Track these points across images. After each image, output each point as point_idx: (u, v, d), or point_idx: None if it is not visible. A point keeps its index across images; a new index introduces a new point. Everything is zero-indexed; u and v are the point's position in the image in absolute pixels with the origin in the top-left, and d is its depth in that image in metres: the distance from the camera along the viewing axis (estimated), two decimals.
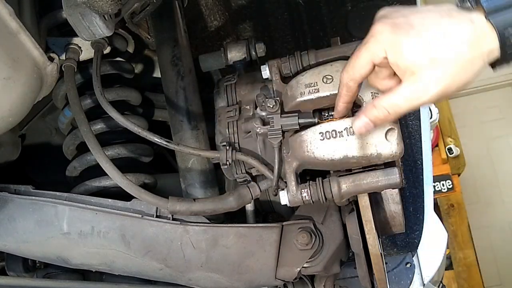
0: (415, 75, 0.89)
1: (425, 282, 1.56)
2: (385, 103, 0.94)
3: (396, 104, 0.93)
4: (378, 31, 0.91)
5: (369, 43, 0.92)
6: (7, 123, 1.16)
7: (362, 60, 0.94)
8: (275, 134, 1.13)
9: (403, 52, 0.89)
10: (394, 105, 0.93)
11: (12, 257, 1.49)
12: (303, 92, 1.11)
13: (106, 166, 1.18)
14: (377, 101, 0.95)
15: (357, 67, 0.95)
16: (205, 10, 1.92)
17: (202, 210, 1.22)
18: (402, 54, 0.89)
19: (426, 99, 0.90)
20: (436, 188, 4.13)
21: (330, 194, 1.14)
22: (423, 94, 0.90)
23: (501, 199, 5.53)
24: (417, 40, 0.88)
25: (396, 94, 0.92)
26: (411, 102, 0.92)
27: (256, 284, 1.28)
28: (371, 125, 0.98)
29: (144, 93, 1.60)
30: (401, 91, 0.91)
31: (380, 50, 0.91)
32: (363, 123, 0.98)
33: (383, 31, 0.90)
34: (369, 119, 0.97)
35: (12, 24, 1.09)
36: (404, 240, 1.64)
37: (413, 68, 0.89)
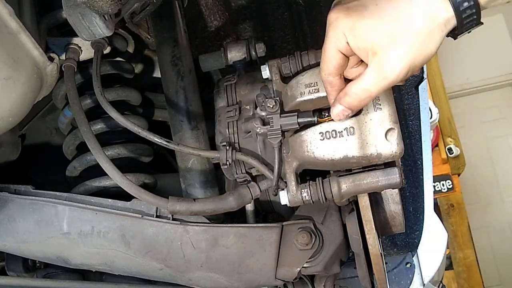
0: (377, 55, 0.90)
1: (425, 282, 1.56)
2: (356, 89, 0.96)
3: (365, 88, 0.94)
4: (333, 18, 0.92)
5: (328, 33, 0.94)
6: (7, 123, 1.16)
7: (328, 51, 0.95)
8: (274, 134, 1.13)
9: (360, 34, 0.90)
10: (364, 89, 0.94)
11: (12, 257, 1.49)
12: (303, 92, 1.11)
13: (106, 166, 1.18)
14: (348, 88, 0.97)
15: (327, 60, 0.97)
16: (205, 10, 1.92)
17: (202, 210, 1.22)
18: (360, 36, 0.90)
19: (394, 78, 0.91)
20: (436, 188, 4.13)
21: (330, 194, 1.14)
22: (390, 73, 0.90)
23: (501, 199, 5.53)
24: (372, 19, 0.89)
25: (364, 78, 0.94)
26: (379, 84, 0.93)
27: (256, 284, 1.28)
28: (348, 111, 1.01)
29: (144, 93, 1.60)
30: (368, 75, 0.93)
31: (340, 36, 0.92)
32: (339, 110, 1.01)
33: (338, 17, 0.91)
34: (344, 106, 0.99)
35: (12, 24, 1.09)
36: (404, 240, 1.64)
37: (374, 48, 0.90)
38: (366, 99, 0.96)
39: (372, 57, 0.91)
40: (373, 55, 0.91)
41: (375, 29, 0.89)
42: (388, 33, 0.88)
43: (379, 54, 0.90)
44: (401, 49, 0.88)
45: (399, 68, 0.90)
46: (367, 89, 0.94)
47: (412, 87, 1.70)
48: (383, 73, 0.91)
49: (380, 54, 0.90)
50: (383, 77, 0.91)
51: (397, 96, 1.64)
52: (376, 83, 0.93)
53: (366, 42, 0.90)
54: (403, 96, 1.73)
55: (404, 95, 1.74)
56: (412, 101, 1.73)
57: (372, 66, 0.92)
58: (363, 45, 0.90)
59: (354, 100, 0.97)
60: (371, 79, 0.93)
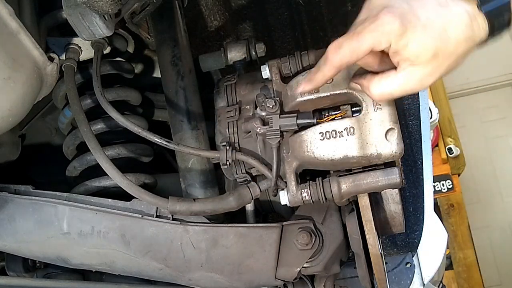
0: (415, 67, 0.90)
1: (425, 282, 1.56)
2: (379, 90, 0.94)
3: (390, 92, 0.94)
4: (387, 22, 0.87)
5: (375, 32, 0.88)
6: (7, 123, 1.16)
7: (364, 47, 0.89)
8: (273, 134, 1.13)
9: (408, 45, 0.88)
10: (388, 93, 0.94)
11: (12, 257, 1.49)
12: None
13: (106, 166, 1.18)
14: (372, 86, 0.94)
15: (356, 52, 0.90)
16: (205, 10, 1.92)
17: (202, 210, 1.22)
18: (407, 47, 0.88)
19: (420, 89, 0.92)
20: (436, 188, 4.13)
21: (330, 194, 1.14)
22: (420, 86, 0.91)
23: (501, 199, 5.53)
24: (423, 34, 0.88)
25: (391, 82, 0.92)
26: (405, 91, 0.93)
27: (256, 284, 1.28)
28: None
29: (144, 93, 1.60)
30: (397, 80, 0.92)
31: (386, 42, 0.89)
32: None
33: (393, 23, 0.87)
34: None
35: (12, 24, 1.09)
36: (404, 240, 1.64)
37: (415, 61, 0.89)
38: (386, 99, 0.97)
39: (409, 66, 0.90)
40: (410, 64, 0.90)
41: (424, 44, 0.88)
42: (434, 52, 0.88)
43: (417, 67, 0.89)
44: (438, 67, 0.89)
45: (429, 82, 0.91)
46: (391, 93, 0.94)
47: None
48: (413, 84, 0.91)
49: (418, 67, 0.89)
50: (412, 88, 0.92)
51: None
52: (402, 90, 0.92)
53: (410, 53, 0.89)
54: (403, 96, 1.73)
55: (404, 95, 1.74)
56: (412, 101, 1.73)
57: (405, 74, 0.91)
58: (406, 55, 0.89)
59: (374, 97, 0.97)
60: (398, 85, 0.92)
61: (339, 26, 1.96)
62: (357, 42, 0.89)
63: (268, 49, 1.40)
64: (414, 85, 0.91)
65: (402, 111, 1.69)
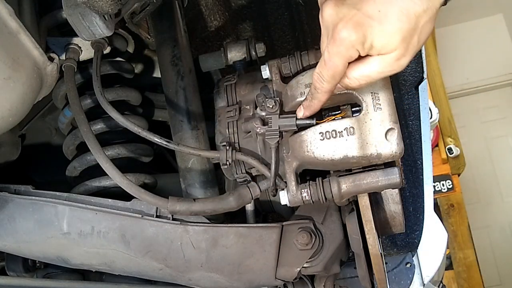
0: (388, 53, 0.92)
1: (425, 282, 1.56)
2: (356, 74, 0.96)
3: (368, 75, 0.96)
4: (344, 37, 0.91)
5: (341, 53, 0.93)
6: (7, 123, 1.16)
7: (339, 67, 0.95)
8: (272, 134, 1.13)
9: (373, 44, 0.91)
10: (366, 76, 0.96)
11: (12, 257, 1.49)
12: (303, 92, 1.11)
13: (106, 166, 1.18)
14: (349, 71, 0.97)
15: (338, 74, 0.97)
16: (205, 10, 1.92)
17: (202, 210, 1.22)
18: (373, 45, 0.91)
19: (399, 69, 0.94)
20: (436, 188, 4.13)
21: (330, 194, 1.14)
22: (397, 67, 0.93)
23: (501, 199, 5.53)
24: (381, 27, 0.90)
25: (368, 66, 0.95)
26: (383, 74, 0.95)
27: (256, 284, 1.28)
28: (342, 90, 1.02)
29: (144, 93, 1.60)
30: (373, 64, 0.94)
31: (353, 53, 0.93)
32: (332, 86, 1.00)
33: (350, 35, 0.91)
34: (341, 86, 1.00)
35: (12, 24, 1.09)
36: (404, 240, 1.64)
37: (385, 50, 0.92)
38: (365, 84, 0.98)
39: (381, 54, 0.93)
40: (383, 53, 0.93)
41: (386, 36, 0.90)
42: (401, 36, 0.90)
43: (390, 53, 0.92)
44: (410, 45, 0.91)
45: (406, 61, 0.93)
46: (369, 76, 0.96)
47: (412, 87, 1.70)
48: (391, 66, 0.93)
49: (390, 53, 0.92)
50: (391, 69, 0.94)
51: (397, 96, 1.64)
52: (380, 73, 0.95)
53: (378, 49, 0.92)
54: (403, 96, 1.73)
55: (404, 95, 1.74)
56: (412, 101, 1.73)
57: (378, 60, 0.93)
58: (376, 50, 0.92)
59: (352, 83, 0.98)
60: (375, 69, 0.94)
61: None
62: (331, 68, 0.96)
63: (268, 49, 1.40)
64: (391, 66, 0.93)
65: (402, 111, 1.69)
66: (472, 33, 5.45)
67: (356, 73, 0.96)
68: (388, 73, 0.95)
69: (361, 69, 0.95)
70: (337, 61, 0.94)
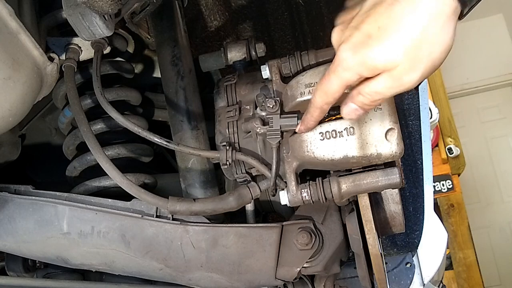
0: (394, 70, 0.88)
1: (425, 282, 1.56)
2: (369, 90, 0.93)
3: (379, 92, 0.92)
4: (343, 59, 0.90)
5: (338, 72, 0.92)
6: (7, 123, 1.16)
7: (335, 86, 0.94)
8: (274, 134, 1.13)
9: (374, 64, 0.88)
10: (377, 93, 0.93)
11: (12, 257, 1.49)
12: (303, 92, 1.11)
13: (106, 166, 1.18)
14: (362, 88, 0.94)
15: (330, 93, 0.96)
16: (205, 10, 1.92)
17: (202, 210, 1.22)
18: (374, 66, 0.88)
19: (411, 86, 0.90)
20: (436, 188, 4.14)
21: (330, 194, 1.14)
22: (408, 83, 0.89)
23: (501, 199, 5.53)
24: (380, 45, 0.86)
25: (379, 82, 0.91)
26: (395, 89, 0.91)
27: (256, 284, 1.28)
28: (360, 111, 0.98)
29: (144, 93, 1.60)
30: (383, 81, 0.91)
31: (352, 76, 0.91)
32: (351, 109, 0.98)
33: (347, 57, 0.89)
34: (357, 105, 0.97)
35: (12, 24, 1.09)
36: (404, 240, 1.64)
37: (389, 67, 0.88)
38: (379, 100, 0.95)
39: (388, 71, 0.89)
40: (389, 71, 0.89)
41: (387, 52, 0.86)
42: (401, 50, 0.86)
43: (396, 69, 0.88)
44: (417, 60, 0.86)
45: (417, 77, 0.88)
46: (381, 92, 0.92)
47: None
48: (400, 81, 0.89)
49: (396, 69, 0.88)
50: (400, 84, 0.90)
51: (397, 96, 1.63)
52: (391, 88, 0.91)
53: (381, 67, 0.88)
54: (403, 96, 1.73)
55: (404, 95, 1.74)
56: (412, 101, 1.73)
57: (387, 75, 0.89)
58: (379, 69, 0.89)
59: (367, 100, 0.95)
60: (385, 85, 0.91)
61: None
62: (326, 85, 0.95)
63: (268, 49, 1.40)
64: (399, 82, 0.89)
65: (402, 111, 1.69)
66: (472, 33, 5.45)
67: (367, 89, 0.93)
68: (398, 89, 0.90)
69: (372, 85, 0.92)
70: (333, 80, 0.93)
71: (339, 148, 1.09)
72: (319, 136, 1.10)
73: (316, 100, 1.00)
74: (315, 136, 1.10)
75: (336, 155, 1.09)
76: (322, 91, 0.97)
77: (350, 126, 1.08)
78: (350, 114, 0.99)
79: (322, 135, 1.10)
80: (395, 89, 0.91)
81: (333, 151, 1.09)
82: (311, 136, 1.11)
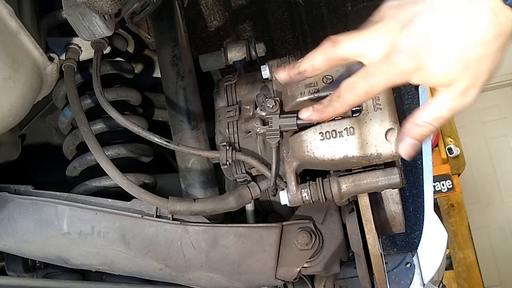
0: (451, 87, 0.85)
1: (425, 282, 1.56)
2: (428, 118, 0.89)
3: (441, 116, 0.88)
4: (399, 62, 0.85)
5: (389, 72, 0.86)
6: (7, 123, 1.16)
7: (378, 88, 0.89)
8: (273, 134, 1.13)
9: (430, 74, 0.85)
10: (438, 118, 0.88)
11: (12, 257, 1.49)
12: (303, 92, 1.11)
13: (106, 166, 1.18)
14: (417, 118, 0.89)
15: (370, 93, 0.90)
16: (205, 10, 1.92)
17: (202, 210, 1.22)
18: (429, 76, 0.85)
19: (469, 103, 0.86)
20: (436, 188, 4.14)
21: (330, 194, 1.14)
22: (467, 99, 0.86)
23: (501, 199, 5.53)
24: (442, 57, 0.83)
25: (438, 107, 0.87)
26: (455, 111, 0.87)
27: (256, 284, 1.28)
28: (417, 144, 0.92)
29: (144, 93, 1.60)
30: (443, 103, 0.87)
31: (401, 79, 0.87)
32: (410, 144, 0.92)
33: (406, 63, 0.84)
34: (415, 139, 0.91)
35: (12, 24, 1.09)
36: (404, 240, 1.65)
37: (446, 82, 0.85)
38: (438, 126, 0.90)
39: (444, 87, 0.86)
40: (445, 86, 0.86)
41: (446, 66, 0.83)
42: (463, 65, 0.83)
43: (453, 86, 0.85)
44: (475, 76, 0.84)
45: (475, 93, 0.86)
46: (442, 116, 0.88)
47: (412, 87, 1.70)
48: (459, 100, 0.86)
49: (453, 85, 0.85)
50: (459, 104, 0.86)
51: (397, 96, 1.64)
52: (451, 110, 0.87)
53: (437, 80, 0.85)
54: (403, 96, 1.73)
55: (404, 95, 1.74)
56: (412, 101, 1.73)
57: (446, 95, 0.86)
58: (434, 82, 0.86)
59: (426, 130, 0.89)
60: (446, 108, 0.87)
61: (339, 26, 1.96)
62: (371, 85, 0.88)
63: (268, 49, 1.40)
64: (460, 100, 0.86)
65: (402, 111, 1.69)
66: None
67: (427, 117, 0.88)
68: (459, 108, 0.87)
69: (431, 111, 0.88)
70: (381, 80, 0.87)
71: (339, 148, 1.09)
72: (319, 136, 1.10)
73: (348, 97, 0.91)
74: (315, 136, 1.10)
75: (336, 155, 1.09)
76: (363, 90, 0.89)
77: (350, 126, 1.08)
78: (409, 151, 0.92)
79: (322, 135, 1.10)
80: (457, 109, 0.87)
81: (333, 151, 1.09)
82: (311, 136, 1.11)
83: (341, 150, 1.09)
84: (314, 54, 0.95)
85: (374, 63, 0.88)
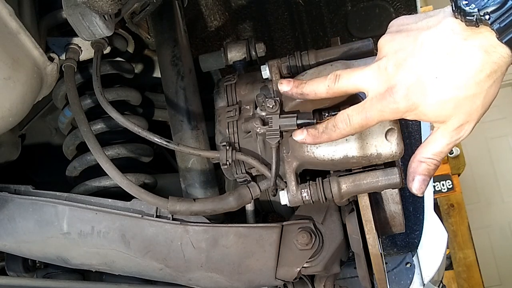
0: (446, 123, 0.90)
1: (425, 282, 1.56)
2: (429, 154, 0.94)
3: (440, 151, 0.93)
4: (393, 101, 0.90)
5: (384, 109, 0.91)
6: (7, 123, 1.16)
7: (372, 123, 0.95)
8: (273, 134, 1.13)
9: (423, 113, 0.89)
10: (439, 153, 0.93)
11: (12, 257, 1.49)
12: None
13: (106, 166, 1.18)
14: (420, 155, 0.95)
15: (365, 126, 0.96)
16: (205, 10, 1.92)
17: (202, 210, 1.22)
18: (422, 115, 0.89)
19: (466, 136, 0.92)
20: (436, 188, 4.14)
21: (330, 194, 1.14)
22: (463, 134, 0.91)
23: (501, 199, 5.54)
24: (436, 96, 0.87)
25: (435, 143, 0.93)
26: (453, 145, 0.93)
27: (256, 284, 1.28)
28: (427, 180, 0.97)
29: (144, 93, 1.60)
30: (439, 140, 0.92)
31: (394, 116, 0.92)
32: (420, 182, 0.96)
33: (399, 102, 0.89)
34: (424, 175, 0.96)
35: (12, 24, 1.09)
36: (404, 240, 1.65)
37: (439, 120, 0.89)
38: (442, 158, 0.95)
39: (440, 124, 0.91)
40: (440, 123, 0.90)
41: (441, 105, 0.87)
42: (451, 103, 0.87)
43: (448, 123, 0.89)
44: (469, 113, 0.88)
45: (471, 127, 0.91)
46: (441, 151, 0.93)
47: None
48: (455, 137, 0.91)
49: (448, 123, 0.89)
50: (456, 138, 0.92)
51: None
52: (449, 144, 0.92)
53: (429, 119, 0.90)
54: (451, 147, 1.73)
55: None
56: None
57: (442, 132, 0.91)
58: (427, 120, 0.90)
59: (431, 165, 0.95)
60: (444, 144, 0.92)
61: (339, 26, 1.96)
62: (366, 119, 0.94)
63: (268, 49, 1.40)
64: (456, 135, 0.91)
65: None
66: None
67: (428, 153, 0.94)
68: (456, 142, 0.93)
69: (430, 148, 0.93)
70: (375, 117, 0.93)
71: (339, 148, 1.09)
72: None
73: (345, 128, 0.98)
74: None
75: (336, 155, 1.09)
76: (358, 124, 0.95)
77: None
78: (421, 187, 0.96)
79: None
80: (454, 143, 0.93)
81: (333, 151, 1.09)
82: None
83: (341, 150, 1.09)
84: (318, 83, 1.02)
85: (371, 100, 0.94)
